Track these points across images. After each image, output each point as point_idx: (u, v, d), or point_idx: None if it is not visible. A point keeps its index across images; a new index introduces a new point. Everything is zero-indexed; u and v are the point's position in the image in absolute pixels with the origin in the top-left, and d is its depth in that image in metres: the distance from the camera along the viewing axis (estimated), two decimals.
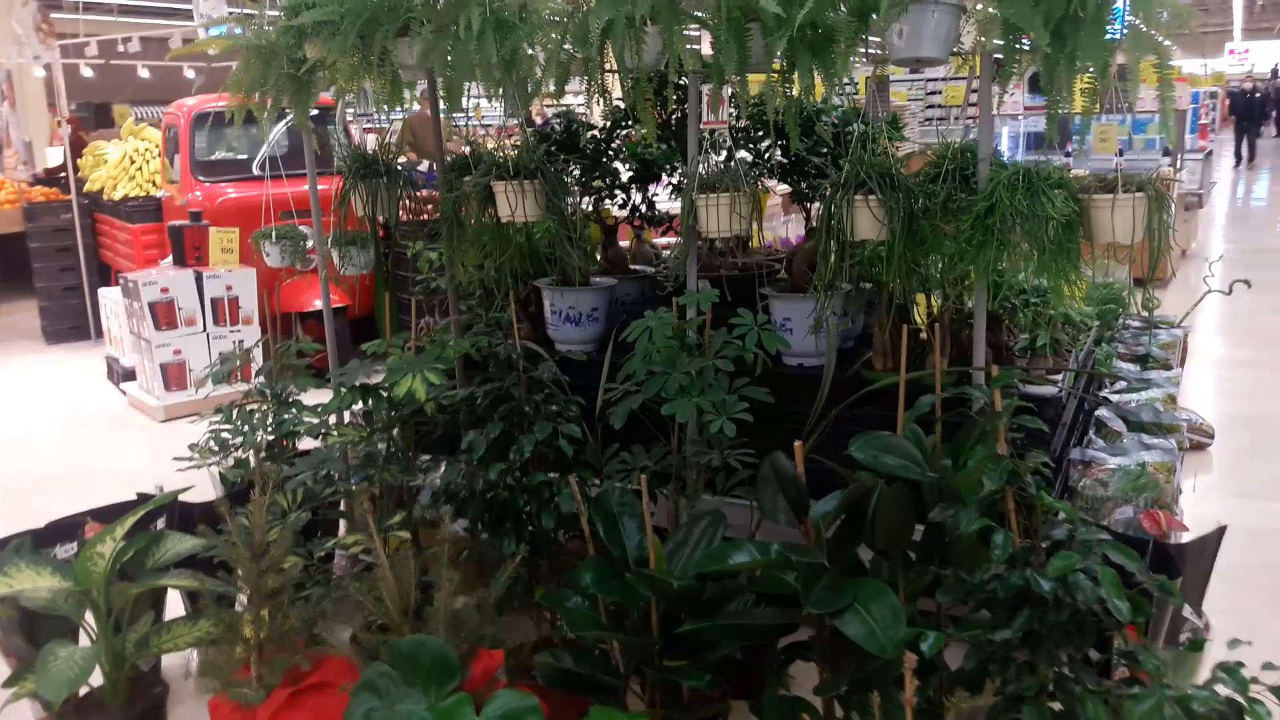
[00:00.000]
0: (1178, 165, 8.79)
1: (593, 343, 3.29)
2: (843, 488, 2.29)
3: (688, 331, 2.50)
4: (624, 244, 3.78)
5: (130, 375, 6.19)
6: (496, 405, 2.60)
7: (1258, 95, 17.85)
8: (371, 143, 3.37)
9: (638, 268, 3.68)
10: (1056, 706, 1.85)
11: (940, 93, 14.21)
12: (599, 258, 3.63)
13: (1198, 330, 6.51)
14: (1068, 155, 8.68)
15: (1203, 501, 4.05)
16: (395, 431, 2.87)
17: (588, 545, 2.31)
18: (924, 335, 3.02)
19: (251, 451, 3.08)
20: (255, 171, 6.40)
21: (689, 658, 2.19)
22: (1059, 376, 2.93)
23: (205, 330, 5.81)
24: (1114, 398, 3.69)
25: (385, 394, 2.71)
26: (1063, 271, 2.32)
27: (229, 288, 5.83)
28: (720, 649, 2.09)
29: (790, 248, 3.73)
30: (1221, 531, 2.71)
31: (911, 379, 2.48)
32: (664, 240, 4.42)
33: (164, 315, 5.68)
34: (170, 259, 6.10)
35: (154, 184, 7.48)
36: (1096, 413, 3.47)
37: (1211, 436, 4.86)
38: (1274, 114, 20.67)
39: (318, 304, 5.75)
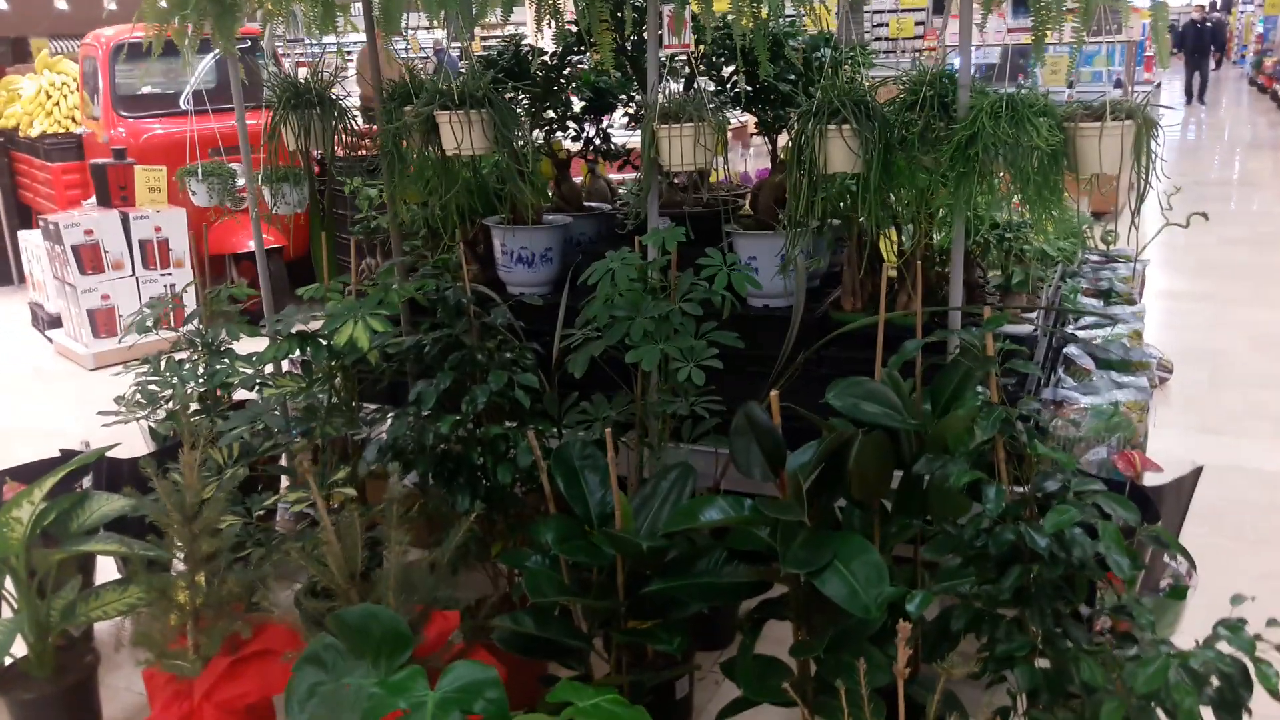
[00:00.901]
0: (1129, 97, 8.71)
1: (547, 285, 3.12)
2: (813, 436, 2.17)
3: (651, 273, 2.34)
4: (578, 180, 3.59)
5: (56, 322, 5.88)
6: (446, 354, 2.42)
7: (1208, 25, 17.44)
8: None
9: (593, 205, 3.49)
10: (1044, 664, 1.76)
11: (887, 25, 14.00)
12: (551, 194, 3.43)
13: (1151, 263, 6.49)
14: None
15: (1165, 437, 4.02)
16: (337, 382, 2.69)
17: (548, 502, 2.17)
18: (892, 273, 2.90)
19: (181, 405, 2.88)
20: (183, 106, 6.05)
21: (656, 617, 2.07)
22: (1034, 314, 2.83)
23: (134, 274, 5.52)
24: (1081, 334, 3.61)
25: (325, 342, 2.52)
26: (1046, 205, 2.19)
27: (157, 229, 5.53)
28: (690, 608, 1.97)
29: (751, 182, 3.57)
30: (1198, 472, 2.64)
31: (893, 320, 2.36)
32: (619, 176, 4.22)
33: (89, 259, 5.38)
34: (94, 199, 5.77)
35: (73, 120, 7.07)
36: (1065, 350, 3.39)
37: (1171, 371, 4.83)
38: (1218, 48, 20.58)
39: (251, 245, 5.48)
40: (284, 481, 3.12)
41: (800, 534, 1.83)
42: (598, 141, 3.62)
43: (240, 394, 3.11)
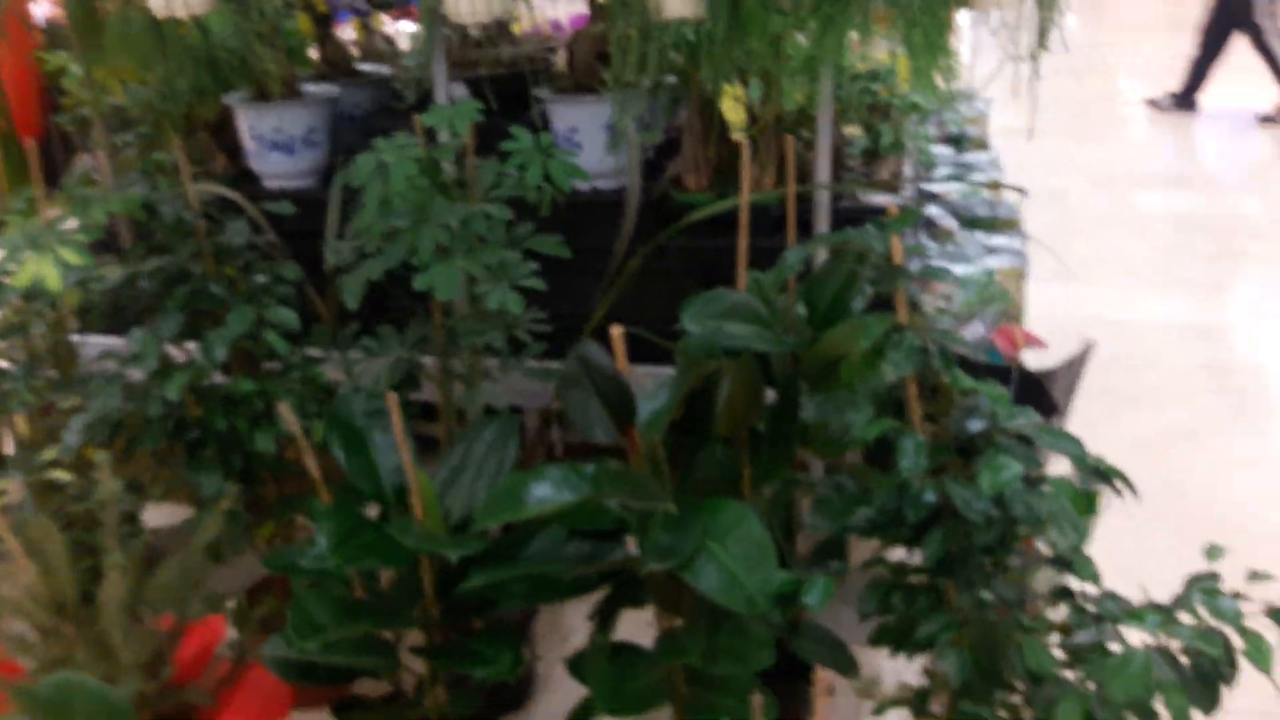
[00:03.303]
0: None
1: (315, 174, 2.49)
2: (662, 349, 1.72)
3: (442, 164, 1.78)
4: (348, 37, 2.91)
5: None
6: (171, 288, 1.82)
7: None
8: None
9: (368, 68, 2.83)
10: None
11: None
12: (315, 57, 2.76)
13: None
14: None
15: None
16: (40, 332, 2.04)
17: (318, 488, 1.65)
18: (736, 139, 2.42)
19: None
20: None
21: (480, 615, 1.62)
22: (906, 180, 2.41)
23: None
24: (937, 189, 3.26)
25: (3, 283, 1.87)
26: (934, 48, 1.74)
27: None
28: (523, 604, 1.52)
29: (565, 34, 2.97)
30: (1089, 348, 2.35)
31: (737, 205, 1.89)
32: (404, 26, 3.49)
33: None
34: None
35: None
36: (926, 210, 3.03)
37: (1021, 216, 4.61)
38: None
39: None
40: None
41: (657, 515, 1.38)
42: None
43: None
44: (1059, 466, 2.29)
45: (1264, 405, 3.17)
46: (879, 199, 2.36)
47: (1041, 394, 2.20)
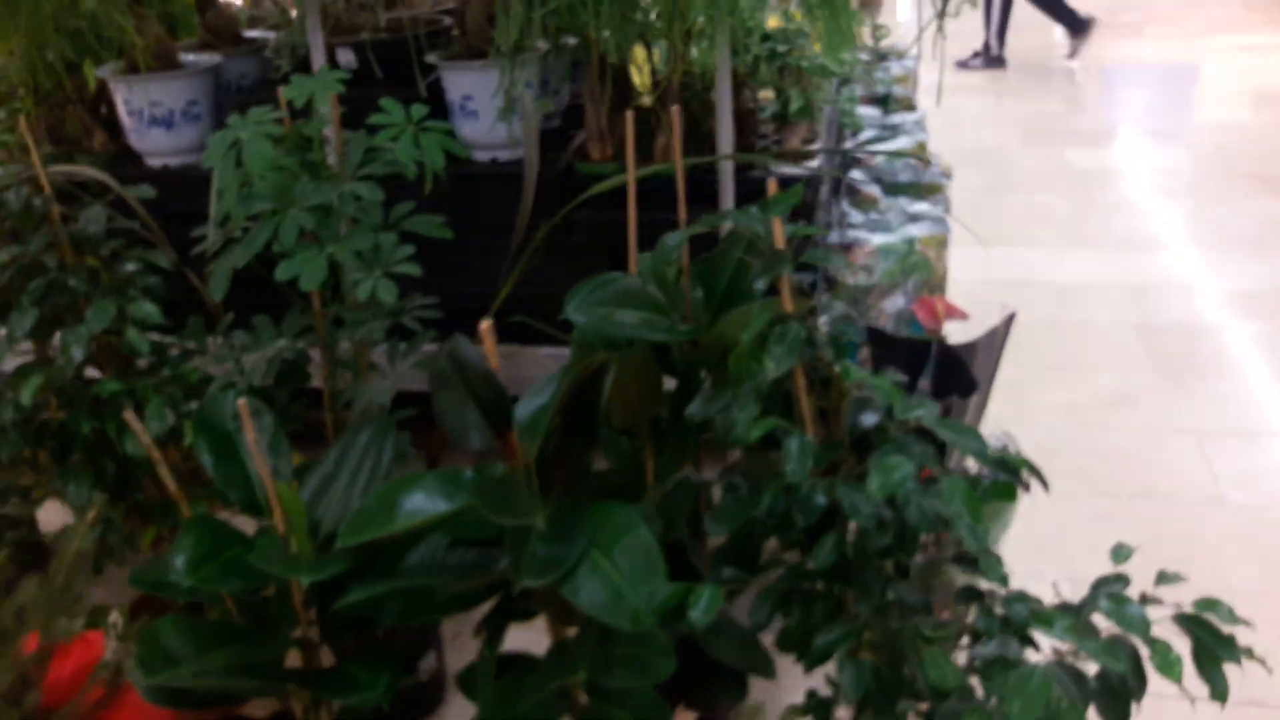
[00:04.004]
0: None
1: (198, 150, 2.34)
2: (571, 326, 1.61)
3: (310, 140, 1.65)
4: (235, 1, 2.74)
5: None
6: (28, 281, 1.68)
7: None
8: None
9: (255, 35, 2.66)
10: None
11: None
12: (198, 25, 2.58)
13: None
14: None
15: (951, 254, 3.72)
16: None
17: (178, 500, 1.53)
18: (646, 101, 2.31)
19: None
20: None
21: (365, 632, 1.52)
22: (816, 148, 2.32)
23: None
24: (861, 153, 3.17)
25: None
26: (832, 8, 1.64)
27: None
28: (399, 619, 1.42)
29: None
30: (1010, 319, 2.28)
31: (644, 176, 1.78)
32: None
33: None
34: None
35: None
36: (848, 176, 2.94)
37: (950, 176, 4.54)
38: None
39: None
40: None
41: (537, 529, 1.28)
42: None
43: None
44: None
45: (1197, 368, 3.14)
46: (795, 169, 2.27)
47: (959, 368, 2.13)
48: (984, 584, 1.32)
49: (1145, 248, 3.85)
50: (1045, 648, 1.25)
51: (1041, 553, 2.45)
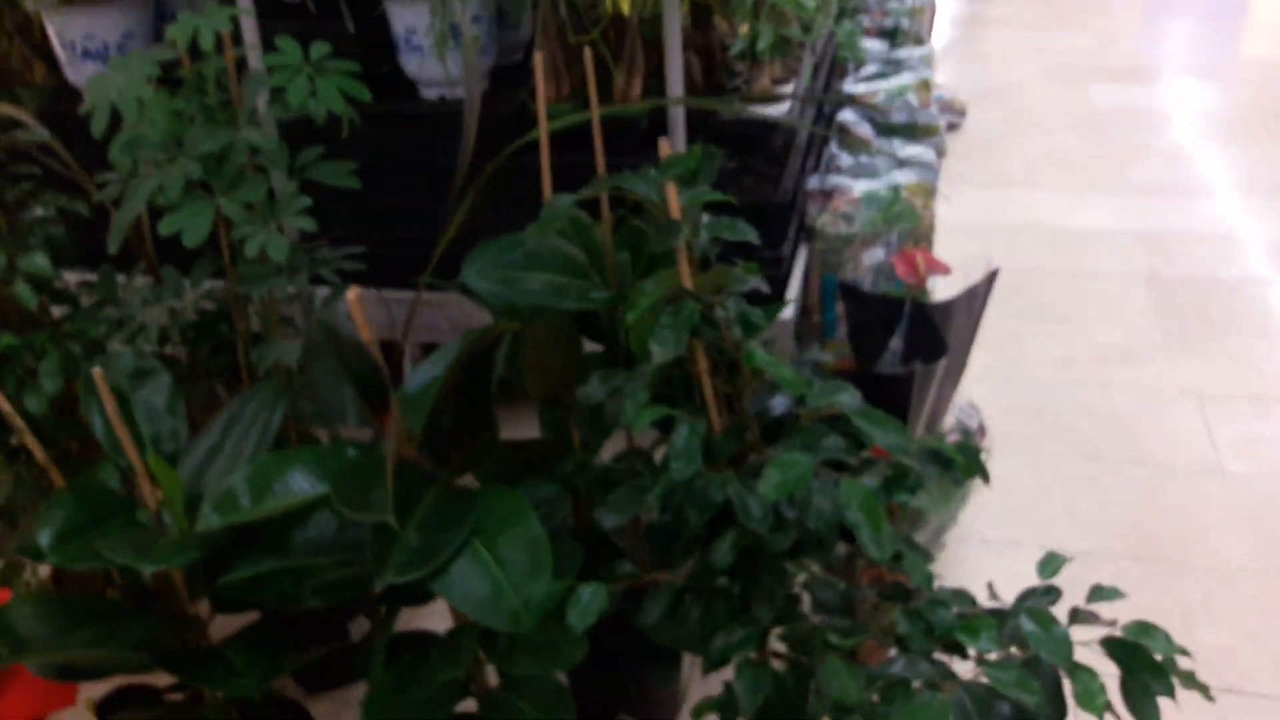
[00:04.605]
0: None
1: None
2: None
3: (207, 81, 1.52)
4: None
5: None
6: None
7: None
8: None
9: None
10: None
11: None
12: None
13: None
14: None
15: (958, 195, 3.53)
16: None
17: (48, 471, 1.44)
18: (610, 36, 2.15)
19: None
20: None
21: (256, 610, 1.44)
22: (789, 88, 2.15)
23: None
24: (860, 88, 2.98)
25: None
26: None
27: None
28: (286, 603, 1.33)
29: None
30: (993, 277, 2.12)
31: (606, 116, 1.64)
32: None
33: None
34: None
35: None
36: (839, 116, 2.76)
37: (964, 114, 4.32)
38: None
39: None
40: None
41: (416, 511, 1.18)
42: None
43: None
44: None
45: (1207, 325, 2.97)
46: (772, 110, 2.12)
47: (931, 330, 1.99)
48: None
49: (1165, 193, 3.64)
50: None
51: (1021, 519, 2.33)
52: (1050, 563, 1.11)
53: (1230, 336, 2.90)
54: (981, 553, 2.21)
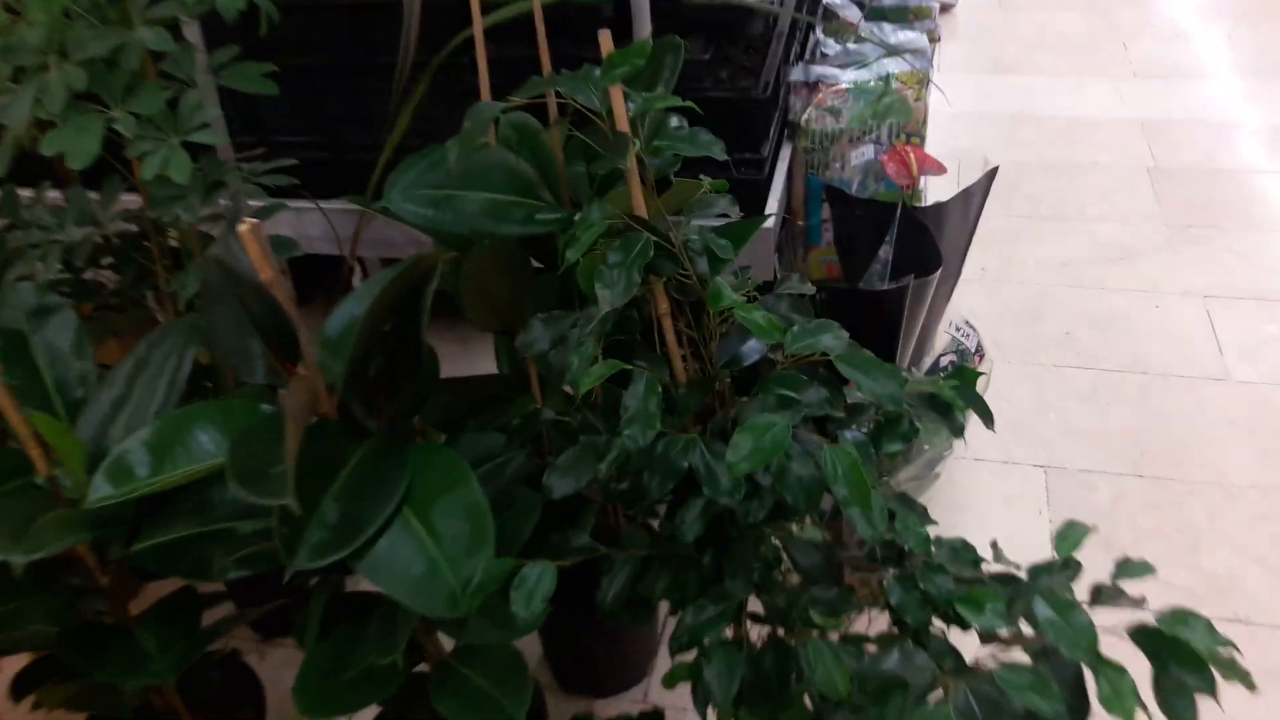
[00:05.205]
0: None
1: None
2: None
3: None
4: None
5: None
6: None
7: None
8: None
9: None
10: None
11: None
12: None
13: None
14: None
15: (951, 83, 3.31)
16: None
17: None
18: None
19: None
20: None
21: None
22: None
23: None
24: None
25: None
26: None
27: None
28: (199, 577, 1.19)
29: None
30: (991, 176, 1.95)
31: (546, 4, 1.43)
32: None
33: None
34: None
35: None
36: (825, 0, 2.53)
37: None
38: None
39: None
40: None
41: (337, 478, 1.03)
42: None
43: None
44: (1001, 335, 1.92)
45: (1214, 219, 2.80)
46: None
47: (923, 236, 1.82)
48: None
49: (1168, 77, 3.42)
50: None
51: (1017, 436, 2.20)
52: (1069, 535, 0.96)
53: (1237, 230, 2.73)
54: (975, 473, 2.09)
